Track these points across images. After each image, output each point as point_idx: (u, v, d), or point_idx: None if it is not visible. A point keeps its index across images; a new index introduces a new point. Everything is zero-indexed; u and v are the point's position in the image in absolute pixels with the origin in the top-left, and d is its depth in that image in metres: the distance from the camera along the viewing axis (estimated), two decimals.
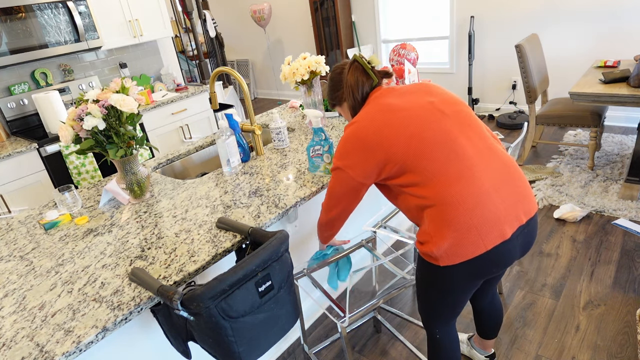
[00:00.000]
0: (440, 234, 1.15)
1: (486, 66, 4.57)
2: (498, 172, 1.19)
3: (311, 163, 1.74)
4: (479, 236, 1.13)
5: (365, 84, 1.35)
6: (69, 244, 1.48)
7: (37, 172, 2.91)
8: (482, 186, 1.14)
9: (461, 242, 1.13)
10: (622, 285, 2.14)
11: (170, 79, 4.00)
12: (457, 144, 1.17)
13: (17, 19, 2.84)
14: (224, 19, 6.90)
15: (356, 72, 1.35)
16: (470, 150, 1.18)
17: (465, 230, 1.12)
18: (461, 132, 1.20)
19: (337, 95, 1.44)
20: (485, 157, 1.19)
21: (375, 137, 1.20)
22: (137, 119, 1.64)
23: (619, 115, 4.00)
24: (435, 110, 1.22)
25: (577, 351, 1.83)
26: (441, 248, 1.15)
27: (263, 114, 2.76)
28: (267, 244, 1.11)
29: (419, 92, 1.29)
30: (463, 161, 1.15)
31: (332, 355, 1.98)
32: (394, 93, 1.30)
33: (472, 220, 1.12)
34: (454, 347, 1.44)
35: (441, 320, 1.38)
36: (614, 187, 2.96)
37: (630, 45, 3.68)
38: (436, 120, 1.19)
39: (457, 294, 1.27)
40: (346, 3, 5.28)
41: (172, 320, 1.13)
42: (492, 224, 1.13)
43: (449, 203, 1.13)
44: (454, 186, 1.14)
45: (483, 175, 1.16)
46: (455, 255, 1.15)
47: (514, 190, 1.19)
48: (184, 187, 1.82)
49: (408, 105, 1.23)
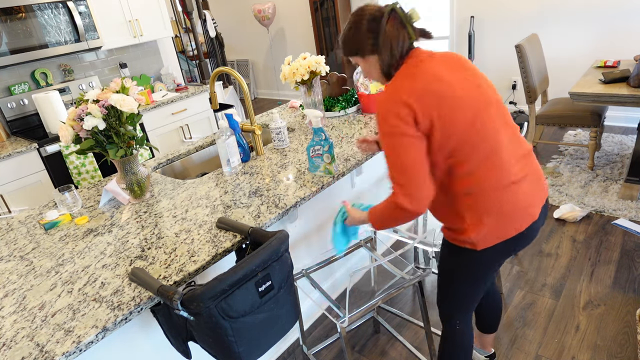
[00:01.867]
0: (479, 221, 1.20)
1: (486, 66, 4.57)
2: (525, 159, 1.25)
3: (311, 163, 1.74)
4: (515, 219, 1.21)
5: (406, 40, 1.18)
6: (69, 244, 1.48)
7: (37, 172, 2.91)
8: (517, 177, 1.20)
9: (499, 226, 1.20)
10: (622, 285, 2.14)
11: (170, 79, 4.00)
12: (499, 134, 1.19)
13: (17, 19, 2.84)
14: (224, 19, 6.90)
15: (396, 24, 1.17)
16: (507, 142, 1.21)
17: (504, 216, 1.19)
18: (502, 123, 1.22)
19: (365, 44, 1.20)
20: (516, 145, 1.24)
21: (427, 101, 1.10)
22: (137, 119, 1.64)
23: (619, 115, 4.00)
24: (485, 98, 1.18)
25: (577, 351, 1.83)
26: (480, 233, 1.21)
27: (263, 114, 2.76)
28: (267, 244, 1.11)
29: (462, 68, 1.20)
30: (502, 151, 1.19)
31: (332, 355, 1.98)
32: (440, 62, 1.18)
33: (509, 207, 1.19)
34: (471, 341, 1.49)
35: (464, 309, 1.42)
36: (614, 187, 2.96)
37: (630, 45, 3.68)
38: (485, 109, 1.17)
39: (488, 274, 1.32)
40: (346, 3, 5.28)
41: (172, 320, 1.13)
42: (525, 209, 1.22)
43: (488, 193, 1.18)
44: (493, 177, 1.17)
45: (517, 163, 1.22)
46: (493, 237, 1.21)
47: (536, 175, 1.27)
48: (184, 187, 1.82)
49: (459, 85, 1.14)
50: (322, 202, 2.12)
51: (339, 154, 1.90)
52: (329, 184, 1.69)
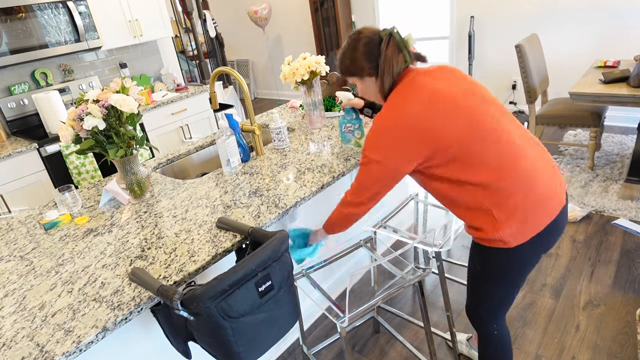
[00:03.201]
0: (509, 217, 1.16)
1: (486, 66, 4.57)
2: (537, 149, 1.24)
3: (343, 137, 1.93)
4: (544, 208, 1.18)
5: (402, 65, 1.24)
6: (69, 244, 1.48)
7: (37, 172, 2.91)
8: (535, 165, 1.19)
9: (529, 218, 1.17)
10: (622, 285, 2.14)
11: (170, 79, 4.00)
12: (504, 129, 1.19)
13: (17, 19, 2.84)
14: (224, 19, 6.90)
15: (393, 49, 1.22)
16: (514, 133, 1.21)
17: (531, 207, 1.17)
18: (502, 116, 1.22)
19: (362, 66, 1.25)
20: (525, 138, 1.23)
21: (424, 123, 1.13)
22: (137, 119, 1.64)
23: (619, 115, 4.00)
24: (479, 97, 1.20)
25: (577, 351, 1.83)
26: (511, 229, 1.17)
27: (263, 114, 2.76)
28: (267, 244, 1.11)
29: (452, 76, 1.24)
30: (513, 145, 1.18)
31: (332, 355, 1.98)
32: (431, 75, 1.22)
33: (535, 196, 1.17)
34: (509, 340, 1.45)
35: (500, 313, 1.38)
36: (614, 187, 2.96)
37: (630, 45, 3.68)
38: (482, 106, 1.19)
39: (524, 272, 1.27)
40: (346, 3, 5.28)
41: (172, 320, 1.13)
42: (551, 196, 1.19)
43: (511, 186, 1.15)
44: (512, 169, 1.16)
45: (530, 154, 1.20)
46: (525, 232, 1.18)
47: (550, 164, 1.26)
48: (184, 187, 1.82)
49: (453, 92, 1.17)
50: (322, 202, 2.12)
51: (339, 154, 1.90)
52: (329, 184, 1.69)
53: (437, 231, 1.84)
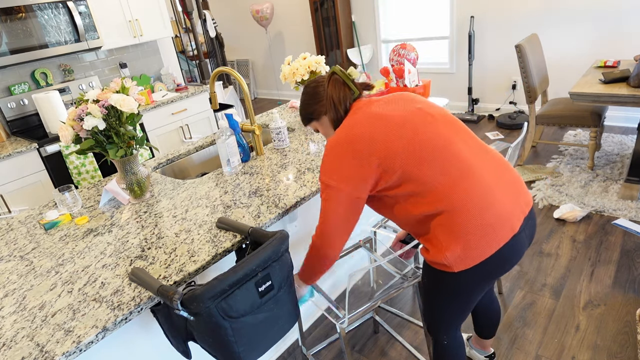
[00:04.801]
0: (452, 240, 1.13)
1: (486, 66, 4.57)
2: (494, 169, 1.19)
3: None
4: (492, 234, 1.12)
5: (348, 95, 1.28)
6: (69, 244, 1.48)
7: (37, 172, 2.91)
8: (486, 185, 1.14)
9: (474, 244, 1.12)
10: (622, 285, 2.14)
11: (170, 79, 4.00)
12: (453, 145, 1.16)
13: (17, 19, 2.84)
14: (224, 19, 6.91)
15: (337, 84, 1.28)
16: (466, 151, 1.17)
17: (478, 231, 1.11)
18: (454, 133, 1.19)
19: (315, 108, 1.33)
20: (480, 155, 1.20)
21: (369, 143, 1.14)
22: (137, 119, 1.64)
23: (619, 115, 4.00)
24: (425, 114, 1.20)
25: (577, 351, 1.83)
26: (454, 253, 1.13)
27: (263, 114, 2.77)
28: (267, 244, 1.11)
29: (402, 100, 1.25)
30: (462, 162, 1.14)
31: (332, 355, 1.98)
32: (377, 103, 1.25)
33: (483, 220, 1.11)
34: (461, 351, 1.44)
35: (451, 327, 1.37)
36: (614, 187, 2.96)
37: (630, 45, 3.68)
38: (428, 123, 1.18)
39: (471, 297, 1.25)
40: (346, 3, 5.28)
41: (172, 320, 1.13)
42: (503, 220, 1.13)
43: (457, 207, 1.11)
44: (459, 189, 1.12)
45: (483, 173, 1.16)
46: (469, 258, 1.13)
47: (512, 184, 1.20)
48: (184, 187, 1.82)
49: (397, 113, 1.19)
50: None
51: None
52: None
53: None
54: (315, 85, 1.34)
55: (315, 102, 1.33)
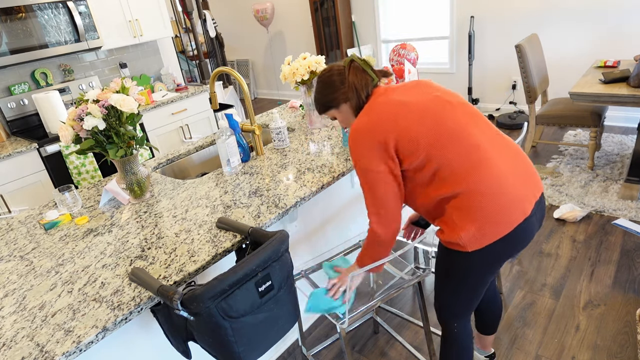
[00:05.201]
0: (467, 221, 1.19)
1: (486, 66, 4.57)
2: (508, 154, 1.25)
3: (345, 137, 1.92)
4: (505, 216, 1.18)
5: (369, 82, 1.33)
6: (69, 244, 1.48)
7: (37, 172, 2.91)
8: (501, 170, 1.20)
9: (488, 224, 1.18)
10: (622, 285, 2.14)
11: (170, 79, 4.00)
12: (470, 132, 1.22)
13: (17, 19, 2.84)
14: (224, 19, 6.91)
15: (358, 71, 1.33)
16: (482, 137, 1.23)
17: (492, 213, 1.17)
18: (471, 120, 1.25)
19: (335, 97, 1.36)
20: (496, 142, 1.25)
21: (393, 125, 1.20)
22: (137, 119, 1.64)
23: (619, 115, 4.00)
24: (444, 102, 1.25)
25: (577, 351, 1.83)
26: (469, 233, 1.19)
27: (263, 114, 2.77)
28: (267, 244, 1.11)
29: (421, 87, 1.30)
30: (479, 148, 1.20)
31: (332, 355, 1.98)
32: (396, 91, 1.30)
33: (497, 202, 1.17)
34: (470, 341, 1.48)
35: (462, 313, 1.41)
36: (614, 187, 2.96)
37: (630, 45, 3.68)
38: (447, 110, 1.23)
39: (483, 279, 1.30)
40: (346, 3, 5.28)
41: (172, 320, 1.13)
42: (516, 204, 1.19)
43: (473, 190, 1.17)
44: (476, 173, 1.18)
45: (498, 159, 1.21)
46: (483, 238, 1.19)
47: (525, 170, 1.26)
48: (184, 187, 1.82)
49: (416, 99, 1.24)
50: (322, 202, 2.12)
51: (339, 154, 1.90)
52: (329, 183, 1.69)
53: None
54: (330, 74, 1.37)
55: (334, 90, 1.36)
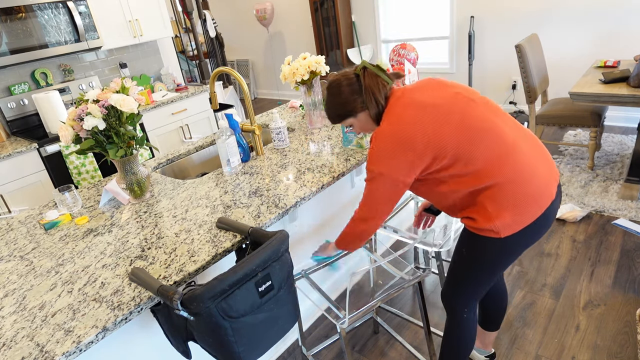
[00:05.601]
0: (501, 209, 1.22)
1: (486, 66, 4.57)
2: (532, 144, 1.30)
3: (345, 138, 1.92)
4: (537, 201, 1.23)
5: (385, 86, 1.32)
6: (69, 244, 1.48)
7: (37, 172, 2.91)
8: (529, 159, 1.24)
9: (522, 211, 1.23)
10: (622, 285, 2.14)
11: (170, 79, 4.00)
12: (497, 126, 1.24)
13: (17, 19, 2.84)
14: (224, 19, 6.91)
15: (372, 77, 1.31)
16: (507, 130, 1.26)
17: (526, 199, 1.22)
18: (494, 115, 1.27)
19: (353, 106, 1.34)
20: (519, 133, 1.29)
21: (423, 136, 1.20)
22: (137, 119, 1.64)
23: (619, 115, 4.00)
24: (466, 99, 1.26)
25: (577, 351, 1.83)
26: (504, 221, 1.22)
27: (263, 114, 2.76)
28: (267, 244, 1.11)
29: (438, 86, 1.31)
30: (506, 141, 1.23)
31: (332, 355, 1.98)
32: (414, 91, 1.29)
33: (530, 189, 1.22)
34: (474, 329, 1.52)
35: (474, 298, 1.44)
36: (614, 187, 2.96)
37: (630, 45, 3.68)
38: (472, 108, 1.25)
39: (508, 262, 1.34)
40: (346, 3, 5.28)
41: (172, 320, 1.13)
42: (544, 188, 1.25)
43: (506, 180, 1.21)
44: (506, 164, 1.21)
45: (524, 148, 1.26)
46: (517, 223, 1.23)
47: (546, 157, 1.31)
48: (184, 187, 1.82)
49: (439, 100, 1.25)
50: (322, 202, 2.12)
51: (339, 154, 1.90)
52: (329, 183, 1.69)
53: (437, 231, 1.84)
54: (338, 84, 1.35)
55: (350, 99, 1.34)
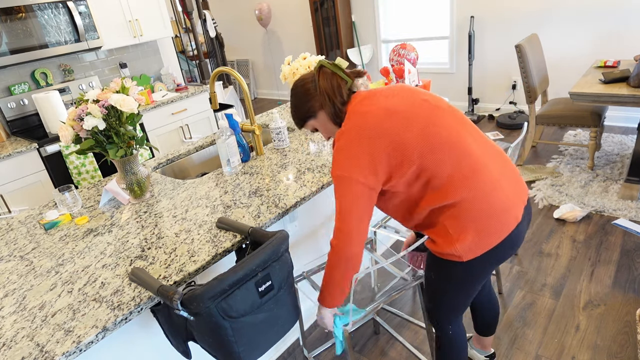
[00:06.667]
0: (462, 231, 1.16)
1: (486, 66, 4.57)
2: (498, 160, 1.22)
3: None
4: (499, 224, 1.16)
5: (342, 86, 1.25)
6: (69, 244, 1.48)
7: (37, 172, 2.91)
8: (493, 176, 1.17)
9: (484, 234, 1.16)
10: (622, 285, 2.14)
11: (170, 79, 4.00)
12: (462, 138, 1.17)
13: (17, 19, 2.84)
14: (224, 19, 6.91)
15: (327, 75, 1.25)
16: (474, 144, 1.19)
17: (487, 221, 1.15)
18: (461, 126, 1.21)
19: (309, 106, 1.29)
20: (486, 148, 1.22)
21: (379, 134, 1.13)
22: (137, 119, 1.64)
23: (619, 115, 4.00)
24: (433, 107, 1.20)
25: (577, 351, 1.83)
26: (465, 244, 1.16)
27: (263, 114, 2.76)
28: (267, 244, 1.11)
29: (406, 92, 1.23)
30: (471, 155, 1.16)
31: (332, 355, 1.98)
32: (380, 95, 1.22)
33: (491, 210, 1.15)
34: (464, 341, 1.47)
35: (455, 316, 1.40)
36: (614, 187, 2.96)
37: (630, 45, 3.68)
38: (438, 116, 1.18)
39: (476, 284, 1.29)
40: (346, 3, 5.28)
41: (172, 320, 1.13)
42: (508, 210, 1.17)
43: (467, 199, 1.14)
44: (469, 182, 1.14)
45: (490, 165, 1.18)
46: (478, 247, 1.17)
47: (513, 175, 1.24)
48: (184, 187, 1.82)
49: (404, 106, 1.17)
50: (322, 202, 2.12)
51: None
52: (329, 183, 1.69)
53: None
54: (303, 83, 1.30)
55: (308, 99, 1.29)
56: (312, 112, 1.30)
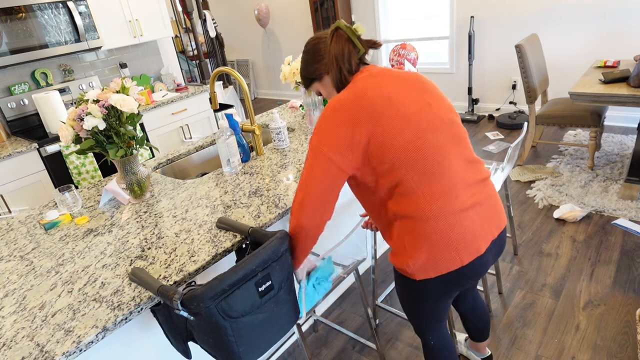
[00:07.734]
0: (417, 249, 1.13)
1: (486, 66, 4.57)
2: (478, 189, 1.17)
3: None
4: (456, 252, 1.12)
5: (353, 53, 1.18)
6: (69, 244, 1.48)
7: (37, 172, 2.91)
8: (463, 205, 1.12)
9: (438, 256, 1.12)
10: (622, 285, 2.14)
11: (170, 79, 4.00)
12: (446, 159, 1.12)
13: (17, 19, 2.84)
14: (224, 19, 6.91)
15: (340, 40, 1.18)
16: (457, 166, 1.14)
17: (443, 246, 1.11)
18: (453, 146, 1.15)
19: (317, 67, 1.24)
20: (469, 173, 1.16)
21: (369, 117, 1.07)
22: (137, 119, 1.64)
23: (619, 115, 4.00)
24: (434, 117, 1.14)
25: (577, 351, 1.83)
26: (417, 262, 1.14)
27: (263, 114, 2.77)
28: (267, 244, 1.11)
29: (416, 86, 1.17)
30: (449, 177, 1.11)
31: (332, 355, 1.98)
32: (389, 78, 1.16)
33: (450, 237, 1.11)
34: (450, 350, 1.43)
35: (431, 327, 1.37)
36: (614, 187, 2.96)
37: (630, 45, 3.68)
38: (432, 129, 1.12)
39: (437, 303, 1.26)
40: (346, 3, 5.28)
41: (172, 320, 1.13)
42: (469, 241, 1.12)
43: (428, 218, 1.10)
44: (436, 202, 1.10)
45: (465, 193, 1.13)
46: (431, 269, 1.14)
47: (490, 207, 1.18)
48: (184, 187, 1.82)
49: (406, 102, 1.11)
50: None
51: None
52: None
53: None
54: (316, 42, 1.24)
55: (317, 60, 1.24)
56: (317, 74, 1.26)
